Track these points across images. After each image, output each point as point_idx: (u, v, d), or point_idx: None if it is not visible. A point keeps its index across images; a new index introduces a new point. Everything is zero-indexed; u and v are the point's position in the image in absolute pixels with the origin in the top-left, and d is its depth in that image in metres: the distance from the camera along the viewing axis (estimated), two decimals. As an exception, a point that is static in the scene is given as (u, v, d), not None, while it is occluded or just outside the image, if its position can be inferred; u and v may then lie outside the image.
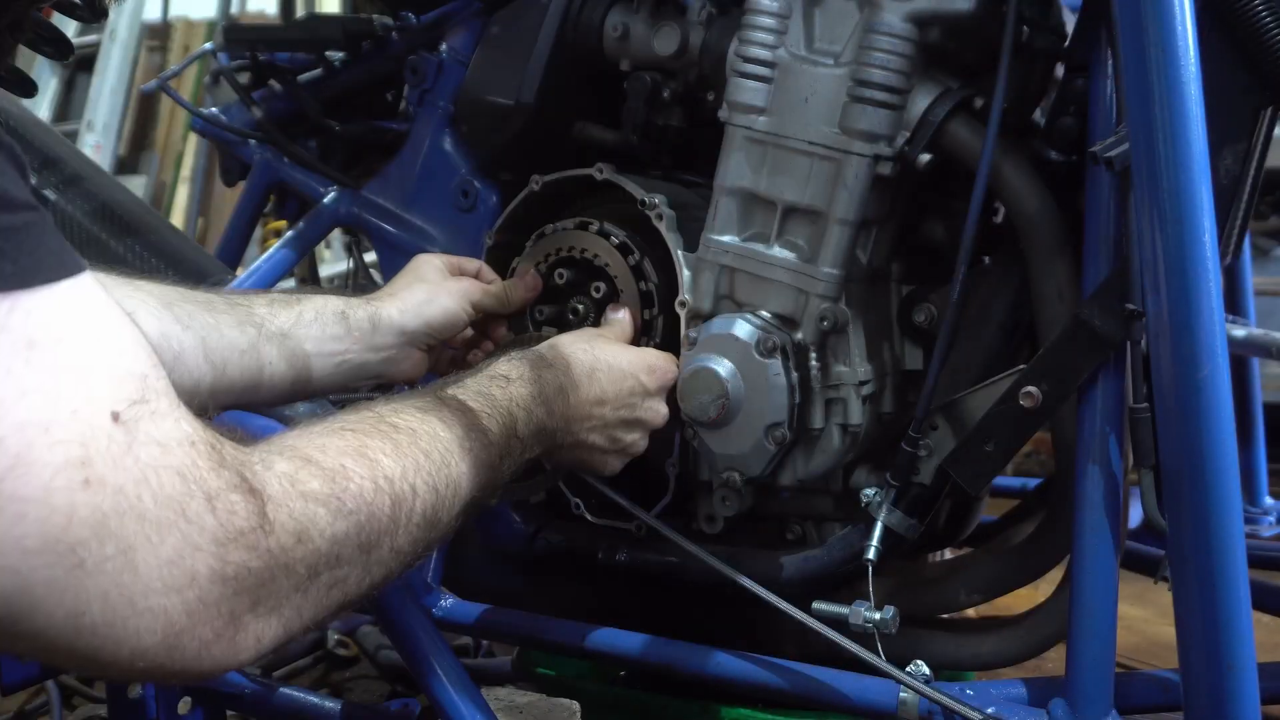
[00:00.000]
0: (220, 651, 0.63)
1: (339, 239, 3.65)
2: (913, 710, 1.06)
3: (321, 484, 0.70)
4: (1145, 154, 0.85)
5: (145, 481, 0.59)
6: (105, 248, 1.48)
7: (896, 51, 1.11)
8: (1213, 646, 0.86)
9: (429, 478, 0.80)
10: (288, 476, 0.69)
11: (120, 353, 0.61)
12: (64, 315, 0.59)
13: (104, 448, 0.58)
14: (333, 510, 0.70)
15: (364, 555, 0.73)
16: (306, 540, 0.68)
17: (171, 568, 0.60)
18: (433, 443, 0.83)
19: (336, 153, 1.60)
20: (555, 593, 1.43)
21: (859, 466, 1.25)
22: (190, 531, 0.60)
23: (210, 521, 0.61)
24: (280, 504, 0.67)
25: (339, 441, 0.75)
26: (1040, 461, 3.26)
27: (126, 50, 4.58)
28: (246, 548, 0.63)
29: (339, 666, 2.11)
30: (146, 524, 0.59)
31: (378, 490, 0.74)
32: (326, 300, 1.15)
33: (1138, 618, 2.16)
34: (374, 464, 0.75)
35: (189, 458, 0.62)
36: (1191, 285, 0.84)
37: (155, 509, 0.59)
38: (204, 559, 0.61)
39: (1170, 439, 0.87)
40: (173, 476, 0.60)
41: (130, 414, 0.60)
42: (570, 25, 1.32)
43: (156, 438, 0.60)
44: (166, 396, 0.63)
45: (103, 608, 0.58)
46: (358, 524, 0.72)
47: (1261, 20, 0.91)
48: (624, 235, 1.27)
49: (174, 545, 0.60)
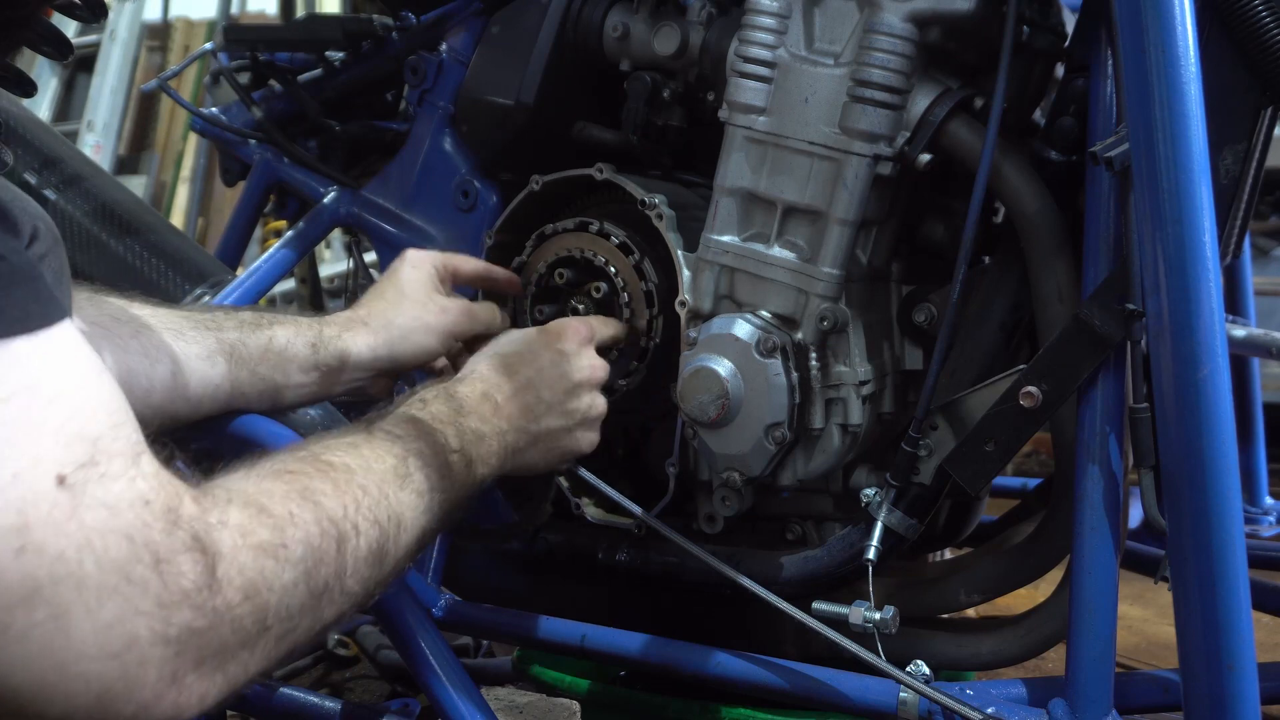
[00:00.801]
0: (161, 712, 0.62)
1: (339, 239, 3.65)
2: (913, 710, 1.06)
3: (271, 534, 0.69)
4: (1145, 154, 0.85)
5: (88, 546, 0.58)
6: (105, 248, 1.48)
7: (896, 51, 1.11)
8: (1213, 646, 0.86)
9: (370, 513, 0.79)
10: (239, 529, 0.68)
11: (72, 413, 0.60)
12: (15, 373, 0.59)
13: (45, 513, 0.57)
14: (281, 560, 0.69)
15: (314, 600, 0.72)
16: (255, 595, 0.67)
17: (109, 632, 0.59)
18: (368, 476, 0.82)
19: (336, 153, 1.60)
20: (555, 593, 1.43)
21: (859, 466, 1.25)
22: (133, 595, 0.60)
23: (156, 584, 0.60)
24: (231, 560, 0.66)
25: (283, 486, 0.74)
26: (1040, 461, 3.26)
27: (126, 50, 4.58)
28: (193, 608, 0.62)
29: (339, 666, 2.11)
30: (85, 590, 0.58)
31: (324, 534, 0.74)
32: (299, 330, 1.12)
33: (1138, 618, 2.16)
34: (318, 506, 0.74)
35: (139, 519, 0.61)
36: (1191, 285, 0.84)
37: (98, 574, 0.58)
38: (146, 622, 0.60)
39: (1170, 439, 0.87)
40: (119, 540, 0.59)
41: (77, 477, 0.59)
42: (570, 25, 1.32)
43: (104, 500, 0.60)
44: (121, 457, 0.62)
45: (26, 673, 0.58)
46: (305, 571, 0.71)
47: (1261, 20, 0.91)
48: (624, 235, 1.27)
49: (114, 610, 0.59)
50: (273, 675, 1.97)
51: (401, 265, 1.20)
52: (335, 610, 0.75)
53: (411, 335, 1.16)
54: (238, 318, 1.11)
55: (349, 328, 1.15)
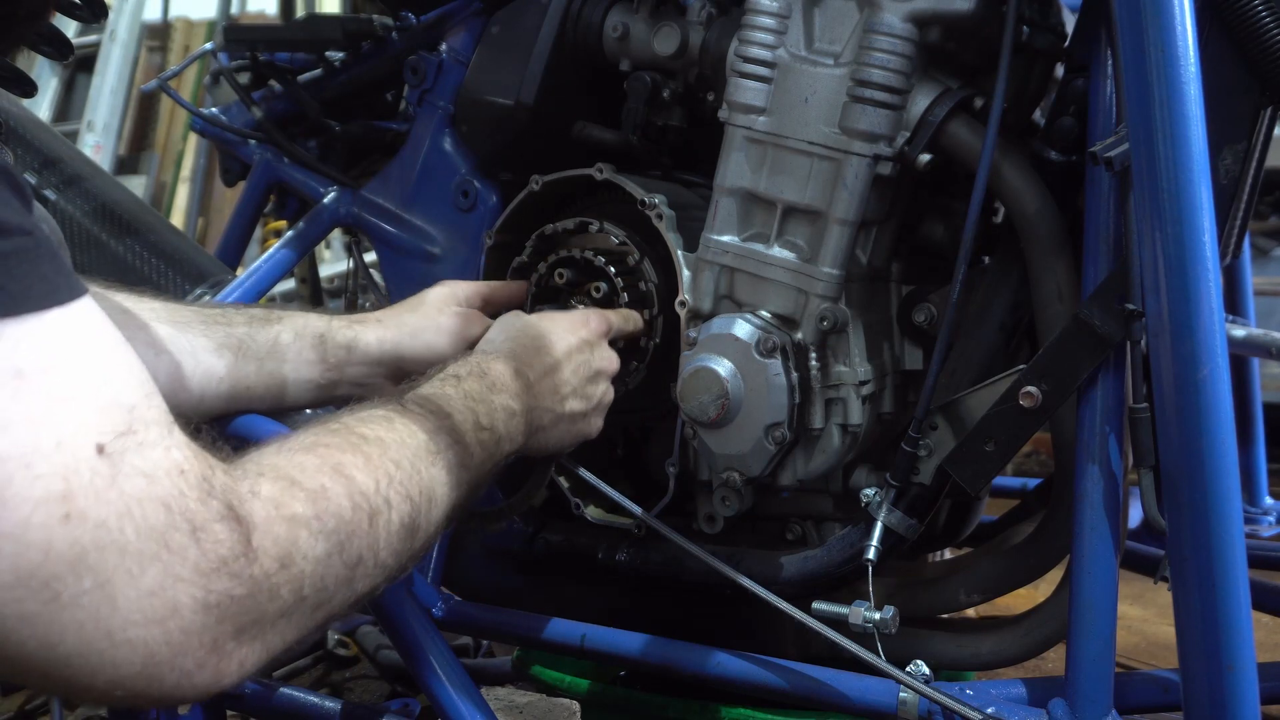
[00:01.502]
0: (203, 679, 0.63)
1: (339, 239, 3.65)
2: (913, 710, 1.06)
3: (304, 506, 0.70)
4: (1145, 154, 0.85)
5: (129, 514, 0.59)
6: (105, 248, 1.48)
7: (896, 51, 1.11)
8: (1212, 646, 0.86)
9: (402, 488, 0.80)
10: (273, 501, 0.69)
11: (108, 382, 0.61)
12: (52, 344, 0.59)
13: (87, 481, 0.58)
14: (314, 532, 0.70)
15: (348, 571, 0.73)
16: (290, 564, 0.68)
17: (152, 599, 0.60)
18: (401, 451, 0.82)
19: (336, 153, 1.60)
20: (555, 593, 1.43)
21: (859, 466, 1.25)
22: (173, 562, 0.60)
23: (194, 552, 0.61)
24: (265, 531, 0.66)
25: (315, 460, 0.75)
26: (1040, 461, 3.26)
27: (126, 50, 4.58)
28: (230, 576, 0.63)
29: (339, 666, 2.11)
30: (128, 557, 0.59)
31: (355, 508, 0.74)
32: (307, 321, 1.14)
33: (1138, 618, 2.16)
34: (350, 480, 0.75)
35: (175, 488, 0.62)
36: (1191, 285, 0.84)
37: (137, 541, 0.59)
38: (186, 589, 0.61)
39: (1170, 439, 0.87)
40: (157, 508, 0.60)
41: (116, 446, 0.59)
42: (570, 25, 1.32)
43: (142, 469, 0.60)
44: (157, 425, 0.63)
45: (78, 640, 0.58)
46: (339, 543, 0.72)
47: (1261, 20, 0.91)
48: (624, 235, 1.27)
49: (155, 577, 0.60)
50: (272, 675, 1.98)
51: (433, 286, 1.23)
52: (369, 582, 0.76)
53: (422, 333, 1.18)
54: (248, 313, 1.12)
55: (361, 321, 1.17)
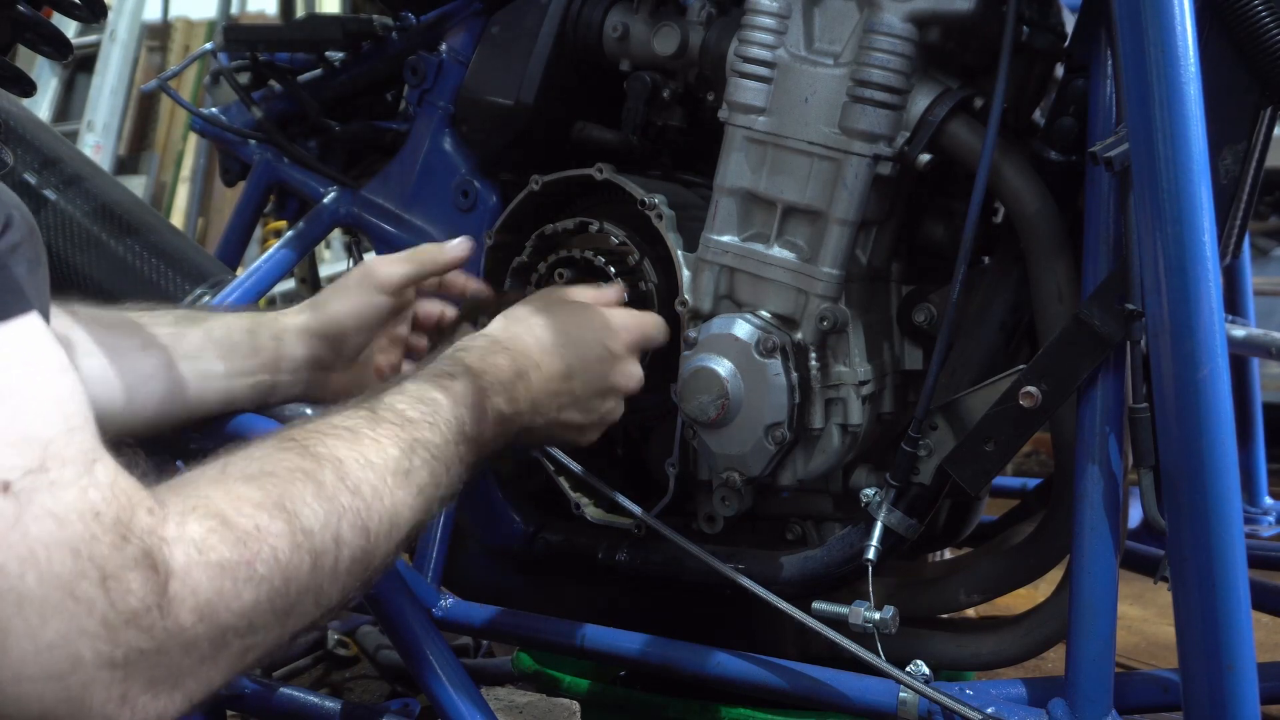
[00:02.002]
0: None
1: (339, 239, 3.65)
2: (912, 710, 1.06)
3: (232, 550, 0.65)
4: (1145, 154, 0.85)
5: (32, 559, 0.55)
6: (105, 248, 1.48)
7: (896, 51, 1.11)
8: (1212, 646, 0.86)
9: (356, 519, 0.74)
10: (196, 544, 0.63)
11: (21, 414, 0.57)
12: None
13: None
14: (241, 580, 0.64)
15: (279, 618, 0.68)
16: (209, 615, 0.62)
17: (51, 652, 0.56)
18: (363, 473, 0.76)
19: (336, 153, 1.60)
20: (555, 593, 1.43)
21: (859, 466, 1.25)
22: (78, 613, 0.56)
23: (102, 604, 0.57)
24: (183, 579, 0.61)
25: (256, 493, 0.69)
26: (1040, 461, 3.26)
27: (126, 50, 4.57)
28: (139, 630, 0.59)
29: (339, 666, 2.11)
30: (26, 606, 0.55)
31: (295, 549, 0.68)
32: (239, 318, 1.09)
33: (1138, 618, 2.16)
34: (293, 517, 0.69)
35: (88, 532, 0.57)
36: (1191, 285, 0.84)
37: (40, 590, 0.55)
38: (90, 643, 0.57)
39: (1170, 439, 0.87)
40: (64, 554, 0.56)
41: (24, 484, 0.56)
42: (570, 25, 1.32)
43: (53, 510, 0.56)
44: (74, 463, 0.58)
45: None
46: (270, 590, 0.66)
47: (1261, 20, 0.91)
48: (624, 235, 1.27)
49: (57, 629, 0.56)
50: (272, 675, 1.98)
51: None
52: (306, 619, 0.71)
53: (345, 292, 1.12)
54: (175, 314, 1.08)
55: (292, 310, 1.13)
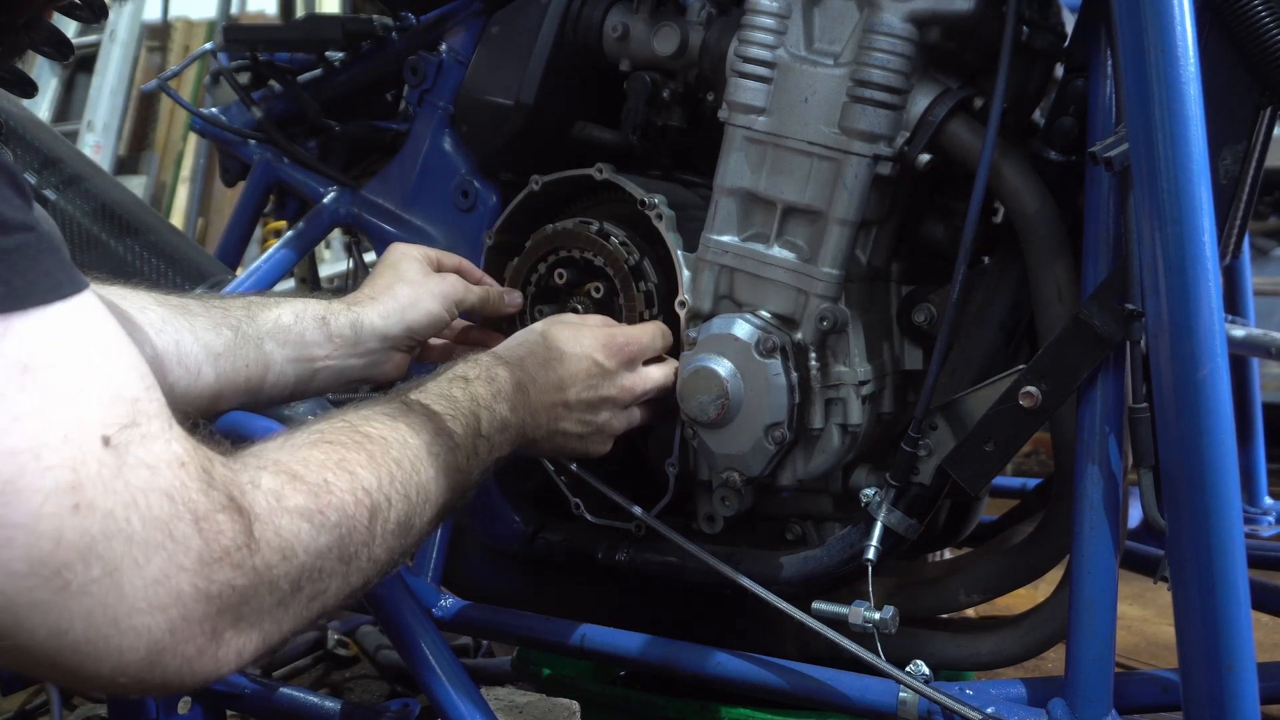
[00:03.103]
0: (202, 666, 0.65)
1: (339, 239, 3.65)
2: (912, 710, 1.06)
3: (306, 499, 0.72)
4: (1145, 154, 0.85)
5: (134, 504, 0.60)
6: (105, 248, 1.49)
7: (896, 51, 1.11)
8: (1212, 646, 0.86)
9: (402, 487, 0.82)
10: (274, 493, 0.70)
11: (111, 375, 0.62)
12: (57, 338, 0.60)
13: (94, 472, 0.59)
14: (316, 525, 0.72)
15: (344, 566, 0.75)
16: (291, 556, 0.69)
17: (157, 587, 0.61)
18: (403, 450, 0.84)
19: (336, 153, 1.60)
20: (555, 593, 1.43)
21: (859, 466, 1.25)
22: (176, 552, 0.62)
23: (196, 542, 0.63)
24: (266, 522, 0.68)
25: (320, 455, 0.77)
26: (1040, 461, 3.27)
27: (126, 50, 4.58)
28: (232, 566, 0.65)
29: (339, 666, 2.11)
30: (134, 546, 0.60)
31: (358, 503, 0.76)
32: (306, 305, 1.14)
33: (1137, 618, 2.16)
34: (353, 476, 0.77)
35: (178, 479, 0.63)
36: (1191, 285, 0.84)
37: (143, 531, 0.60)
38: (189, 578, 0.62)
39: (1170, 439, 0.87)
40: (161, 499, 0.62)
41: (121, 438, 0.61)
42: (570, 25, 1.32)
43: (146, 460, 0.62)
44: (158, 418, 0.64)
45: (85, 627, 0.59)
46: (339, 537, 0.74)
47: (1261, 20, 0.91)
48: (624, 235, 1.27)
49: (160, 566, 0.61)
50: (272, 675, 1.98)
51: (390, 253, 1.23)
52: (362, 576, 0.78)
53: (419, 302, 1.19)
54: (244, 299, 1.13)
55: (358, 301, 1.17)
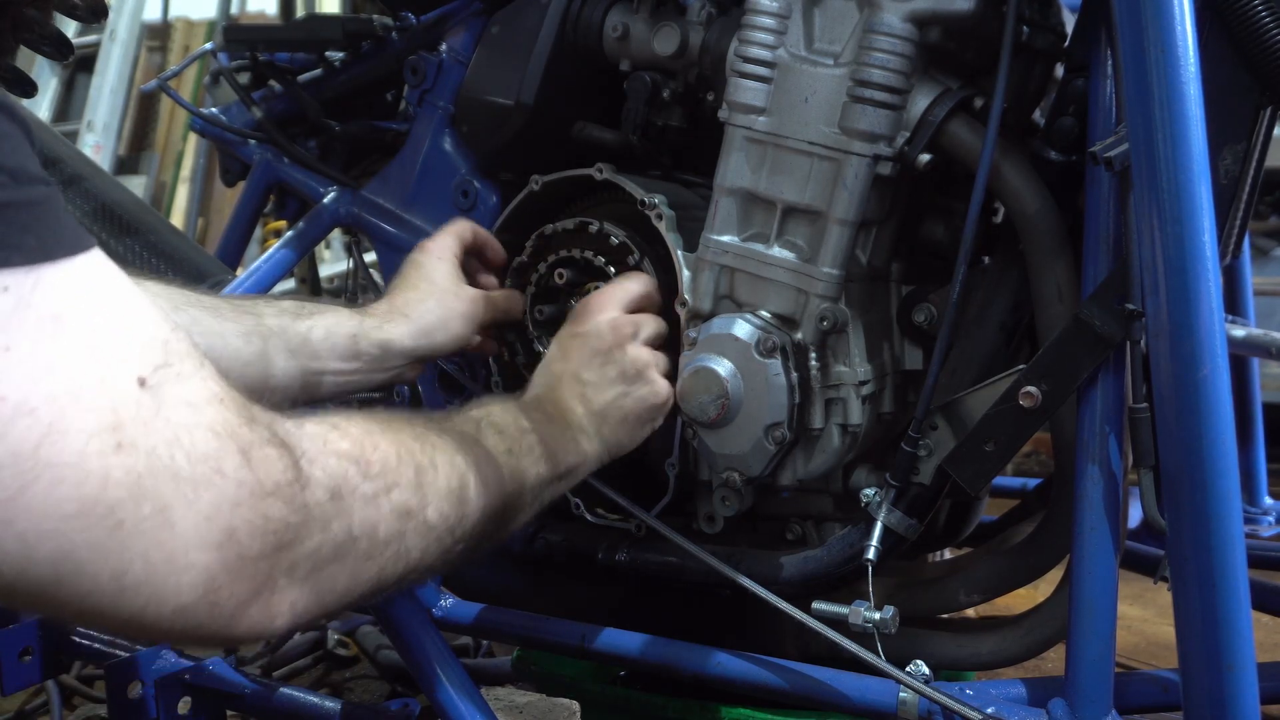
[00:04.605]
0: (257, 612, 0.65)
1: (339, 239, 3.65)
2: (912, 710, 1.06)
3: (351, 445, 0.72)
4: (1145, 154, 0.85)
5: (178, 441, 0.60)
6: (105, 248, 1.47)
7: (896, 51, 1.11)
8: (1212, 646, 0.86)
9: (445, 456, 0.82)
10: (318, 436, 0.70)
11: (139, 318, 0.63)
12: (85, 288, 0.61)
13: (134, 413, 0.59)
14: (361, 470, 0.72)
15: (399, 523, 0.74)
16: (340, 497, 0.69)
17: (209, 523, 0.61)
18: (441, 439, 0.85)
19: (336, 153, 1.60)
20: (555, 593, 1.43)
21: (859, 466, 1.25)
22: (227, 486, 0.62)
23: (247, 475, 0.63)
24: (314, 459, 0.68)
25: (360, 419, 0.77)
26: (1040, 461, 3.27)
27: (126, 50, 4.58)
28: (284, 501, 0.65)
29: (339, 666, 2.11)
30: (182, 482, 0.60)
31: (400, 459, 0.76)
32: (338, 320, 1.15)
33: (1138, 618, 2.16)
34: (395, 436, 0.78)
35: (220, 414, 0.63)
36: (1191, 285, 0.84)
37: (190, 467, 0.61)
38: (241, 513, 0.62)
39: (1170, 439, 0.87)
40: (206, 434, 0.62)
41: (156, 378, 0.61)
42: (570, 25, 1.32)
43: (185, 399, 0.62)
44: (189, 358, 0.64)
45: (144, 566, 0.60)
46: (386, 485, 0.74)
47: (1261, 20, 0.91)
48: (624, 235, 1.27)
49: (211, 500, 0.61)
50: (272, 675, 1.98)
51: (427, 257, 1.24)
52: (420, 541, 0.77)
53: (449, 323, 1.21)
54: (279, 306, 1.14)
55: (389, 319, 1.19)
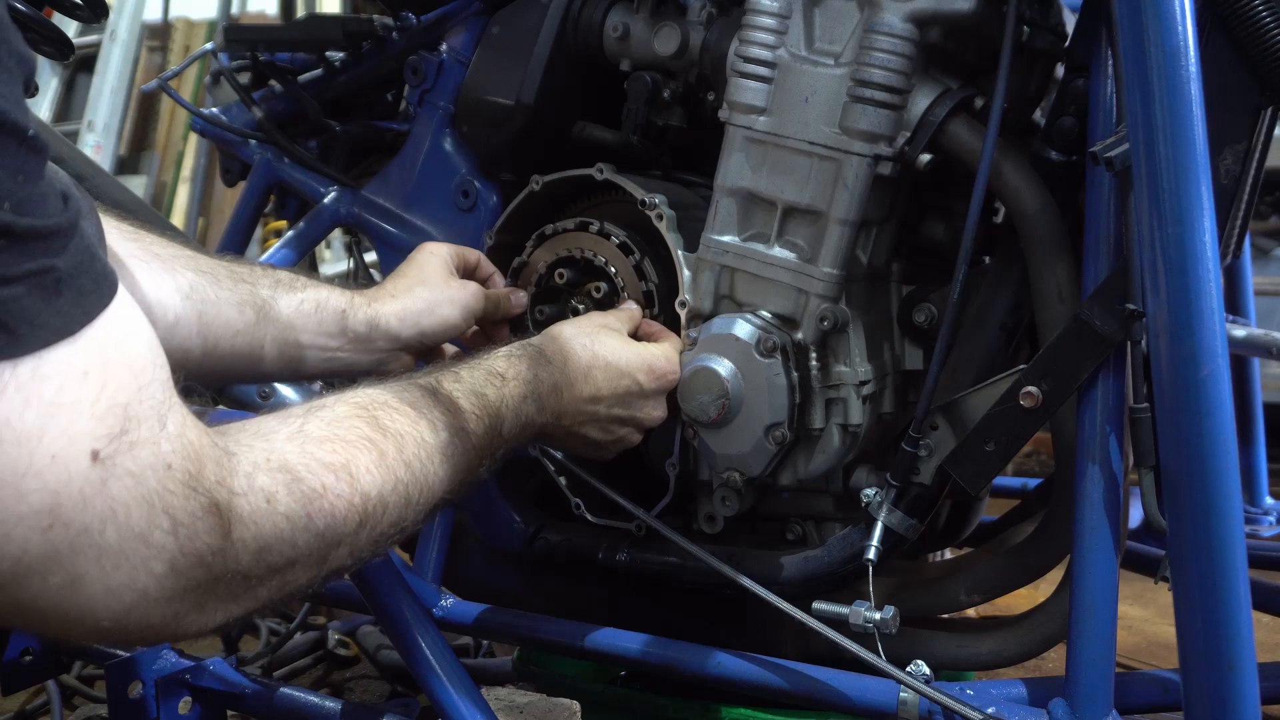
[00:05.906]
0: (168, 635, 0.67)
1: (339, 239, 3.65)
2: (913, 710, 1.06)
3: (297, 504, 0.72)
4: (1145, 154, 0.85)
5: (112, 516, 0.60)
6: (105, 248, 1.48)
7: (896, 51, 1.11)
8: (1213, 646, 0.86)
9: (405, 489, 0.82)
10: (266, 493, 0.70)
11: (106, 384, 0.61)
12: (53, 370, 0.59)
13: (77, 492, 0.59)
14: (300, 528, 0.72)
15: (319, 564, 0.75)
16: (265, 554, 0.70)
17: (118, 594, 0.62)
18: (418, 450, 0.84)
19: (337, 153, 1.60)
20: (555, 593, 1.43)
21: (859, 466, 1.25)
22: (149, 558, 0.62)
23: (172, 548, 0.63)
24: (248, 524, 0.68)
25: (327, 454, 0.76)
26: (1040, 461, 3.27)
27: (126, 50, 4.58)
28: (203, 567, 0.65)
29: (339, 666, 2.11)
30: (104, 558, 0.60)
31: (349, 509, 0.76)
32: (330, 295, 1.15)
33: (1138, 618, 2.16)
34: (354, 482, 0.77)
35: (160, 485, 0.62)
36: (1191, 285, 0.84)
37: (117, 541, 0.61)
38: (156, 582, 0.63)
39: (1170, 439, 0.87)
40: (141, 507, 0.61)
41: (109, 450, 0.60)
42: (570, 25, 1.32)
43: (130, 469, 0.61)
44: (148, 420, 0.62)
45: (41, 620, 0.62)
46: (320, 539, 0.74)
47: (1261, 20, 0.91)
48: (624, 235, 1.27)
49: (126, 574, 0.62)
50: (272, 675, 1.98)
51: (418, 253, 1.25)
52: (339, 566, 0.78)
53: (437, 309, 1.20)
54: (274, 276, 1.13)
55: (377, 298, 1.18)
